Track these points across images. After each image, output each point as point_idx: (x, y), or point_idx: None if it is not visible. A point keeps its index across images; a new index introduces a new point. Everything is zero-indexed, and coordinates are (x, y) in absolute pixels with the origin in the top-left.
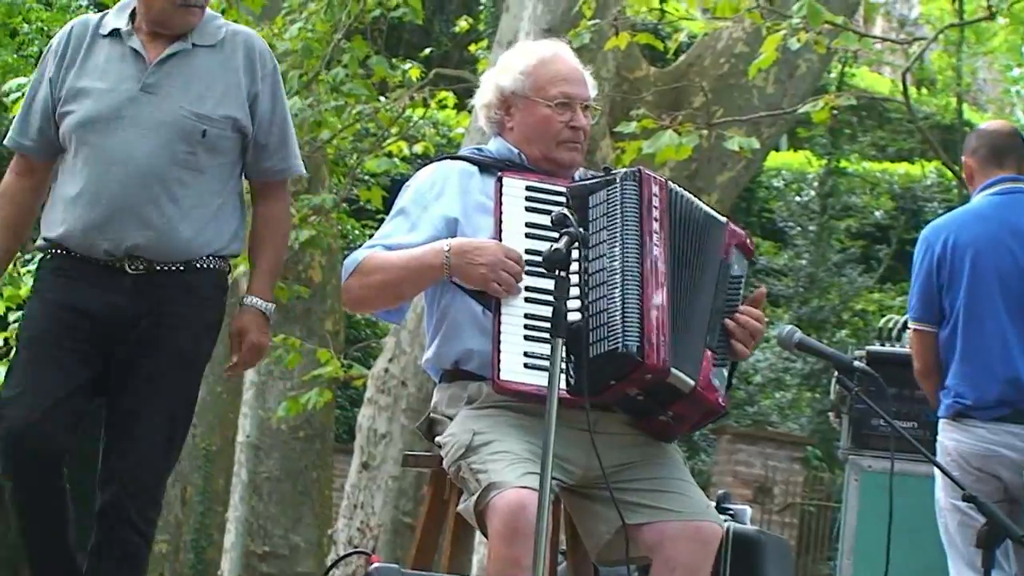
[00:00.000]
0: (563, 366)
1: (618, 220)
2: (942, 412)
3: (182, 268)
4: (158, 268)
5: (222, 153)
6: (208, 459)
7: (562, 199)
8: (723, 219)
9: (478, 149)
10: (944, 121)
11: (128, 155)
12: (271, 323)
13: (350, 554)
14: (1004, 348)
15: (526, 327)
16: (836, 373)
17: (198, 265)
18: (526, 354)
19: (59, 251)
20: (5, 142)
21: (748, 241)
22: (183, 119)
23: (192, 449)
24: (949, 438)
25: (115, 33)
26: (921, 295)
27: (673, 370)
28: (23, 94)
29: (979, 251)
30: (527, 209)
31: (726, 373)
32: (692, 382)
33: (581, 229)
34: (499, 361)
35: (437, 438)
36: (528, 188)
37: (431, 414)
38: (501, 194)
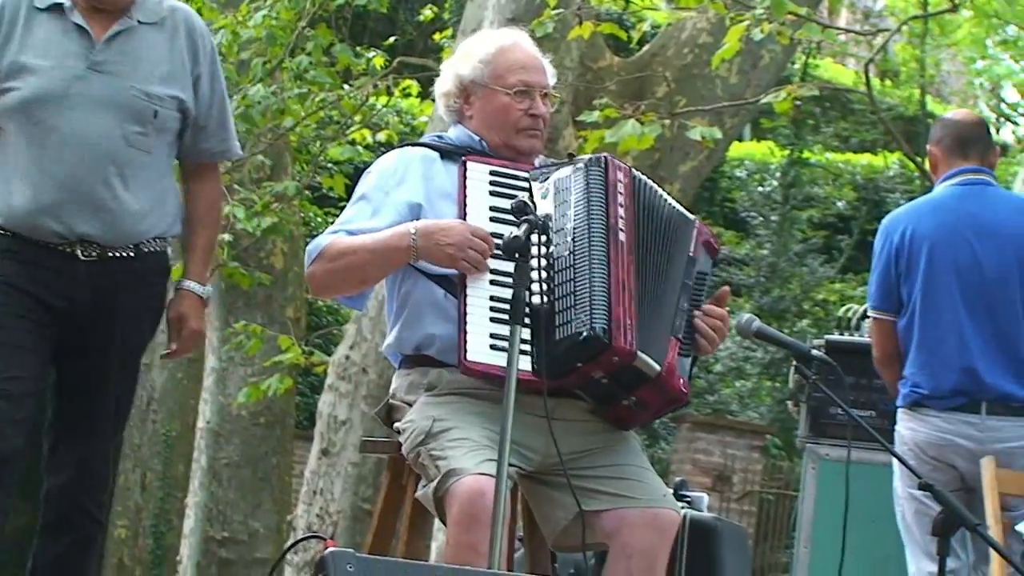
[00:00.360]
0: (528, 348)
1: (584, 204)
2: (900, 401)
3: (132, 254)
4: (110, 254)
5: (167, 133)
6: (168, 445)
7: (525, 184)
8: (692, 217)
9: (439, 136)
10: (907, 113)
11: (80, 135)
12: (222, 308)
13: (306, 538)
14: (960, 339)
15: (492, 309)
16: (794, 362)
17: (145, 249)
18: (492, 336)
19: (5, 233)
20: None
21: (714, 240)
22: (135, 99)
23: (152, 435)
24: (906, 427)
25: (55, 8)
26: (880, 284)
27: (640, 354)
28: None
29: (936, 243)
30: (491, 193)
31: (689, 363)
32: (658, 367)
33: (542, 217)
34: (466, 343)
35: (396, 424)
36: (492, 173)
37: (390, 400)
38: (465, 178)
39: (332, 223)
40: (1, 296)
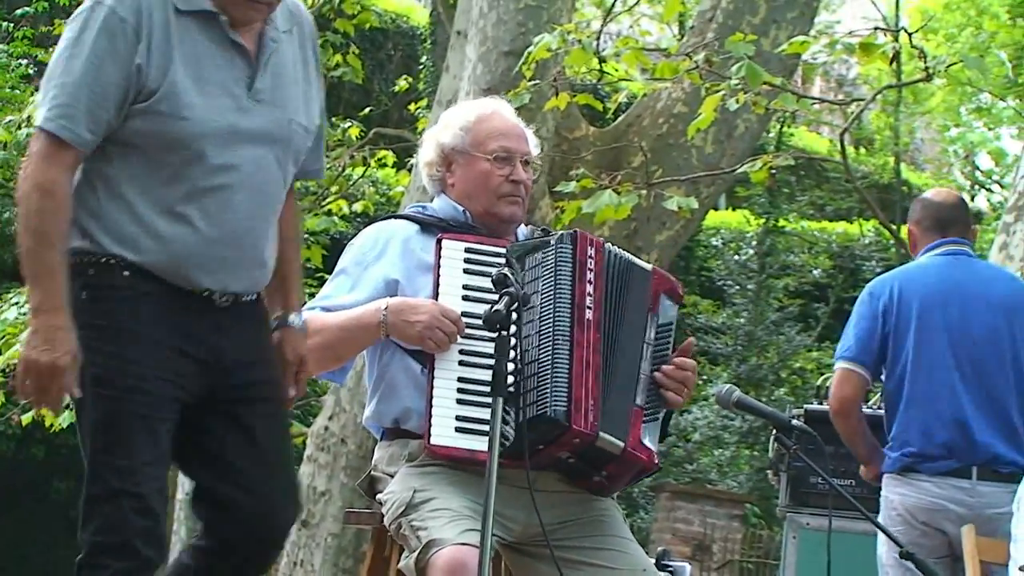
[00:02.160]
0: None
1: (551, 282)
2: (887, 467)
3: (254, 297)
4: (243, 299)
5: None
6: None
7: (501, 260)
8: (648, 267)
9: (422, 207)
10: (882, 180)
11: (249, 180)
12: None
13: None
14: (952, 395)
15: (459, 391)
16: (775, 431)
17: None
18: (458, 418)
19: (138, 271)
20: (55, 131)
21: (676, 287)
22: (294, 133)
23: None
24: (895, 492)
25: (204, 16)
26: (860, 338)
27: (602, 434)
28: None
29: (927, 303)
30: (466, 271)
31: (658, 427)
32: (621, 444)
33: (522, 291)
34: (431, 425)
35: (378, 495)
36: (467, 250)
37: (372, 472)
38: (440, 256)
39: (310, 295)
40: (149, 366)
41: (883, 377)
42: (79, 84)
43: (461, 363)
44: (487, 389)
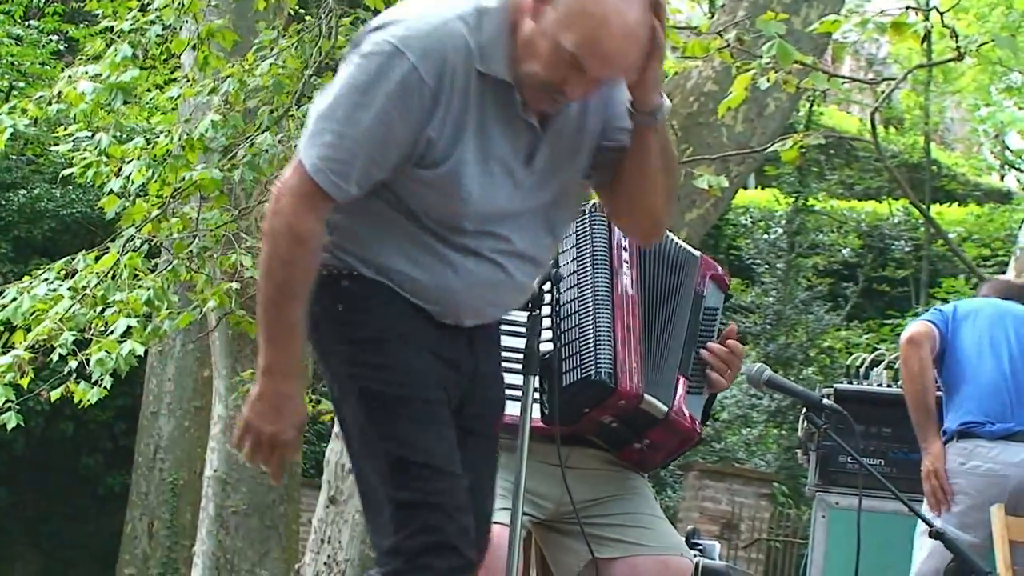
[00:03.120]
0: (537, 396)
1: (588, 249)
2: (947, 438)
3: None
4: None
5: None
6: (175, 493)
7: None
8: (696, 253)
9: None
10: (912, 160)
11: (523, 252)
12: (229, 356)
13: None
14: (1003, 373)
15: (503, 359)
16: (805, 410)
17: None
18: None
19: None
20: (324, 185)
21: (722, 274)
22: (567, 188)
23: (159, 483)
24: (955, 462)
25: (501, 83)
26: (933, 317)
27: (646, 396)
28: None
29: (987, 314)
30: None
31: (703, 402)
32: (665, 407)
33: (555, 269)
34: None
35: None
36: None
37: None
38: None
39: None
40: (427, 371)
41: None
42: (360, 141)
43: (502, 333)
44: None
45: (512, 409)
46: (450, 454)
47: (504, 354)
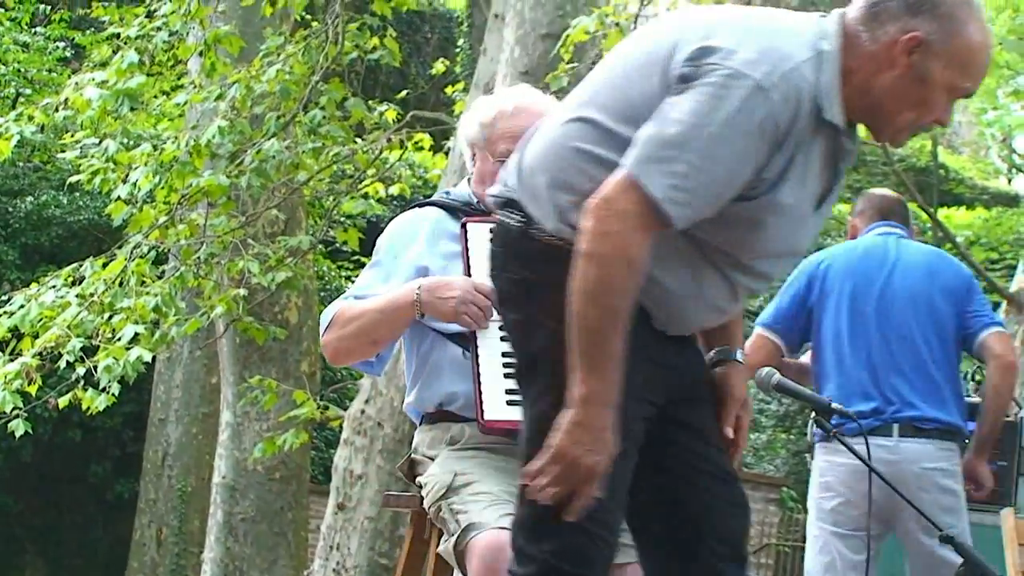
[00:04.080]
0: None
1: None
2: (814, 437)
3: None
4: None
5: None
6: (183, 500)
7: None
8: None
9: (446, 193)
10: (919, 163)
11: (759, 287)
12: (236, 363)
13: None
14: (871, 358)
15: (505, 365)
16: (813, 414)
17: None
18: (508, 391)
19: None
20: (671, 214)
21: None
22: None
23: (167, 490)
24: (822, 459)
25: (831, 128)
26: (781, 307)
27: None
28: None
29: (850, 276)
30: None
31: None
32: None
33: None
34: (482, 402)
35: (418, 478)
36: (492, 231)
37: (412, 455)
38: (467, 239)
39: (347, 278)
40: (635, 376)
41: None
42: (713, 176)
43: (503, 339)
44: None
45: (516, 413)
46: (624, 480)
47: (504, 360)
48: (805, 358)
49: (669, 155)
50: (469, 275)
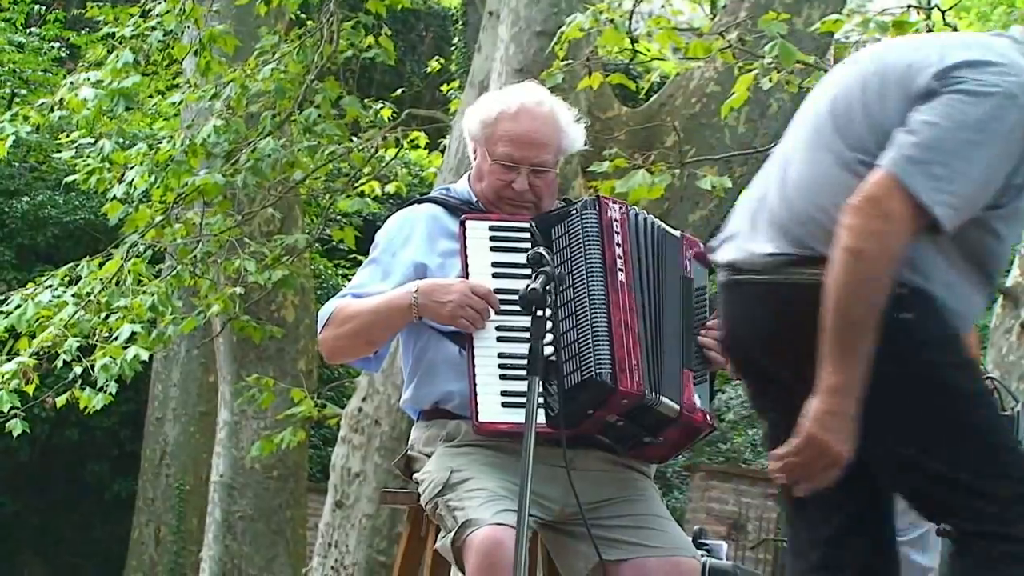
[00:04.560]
0: (542, 400)
1: (581, 249)
2: None
3: None
4: None
5: None
6: (181, 499)
7: (525, 235)
8: (677, 232)
9: (446, 189)
10: None
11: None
12: (233, 362)
13: None
14: None
15: (501, 366)
16: None
17: None
18: (503, 393)
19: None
20: (941, 218)
21: (703, 250)
22: None
23: (165, 489)
24: None
25: None
26: None
27: (662, 399)
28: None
29: None
30: (492, 249)
31: (707, 388)
32: (678, 407)
33: (557, 269)
34: (477, 404)
35: (415, 475)
36: (491, 228)
37: (409, 452)
38: (465, 237)
39: (343, 276)
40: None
41: None
42: (972, 182)
43: (500, 339)
44: None
45: (510, 416)
46: None
47: (500, 361)
48: None
49: (928, 158)
50: (467, 274)
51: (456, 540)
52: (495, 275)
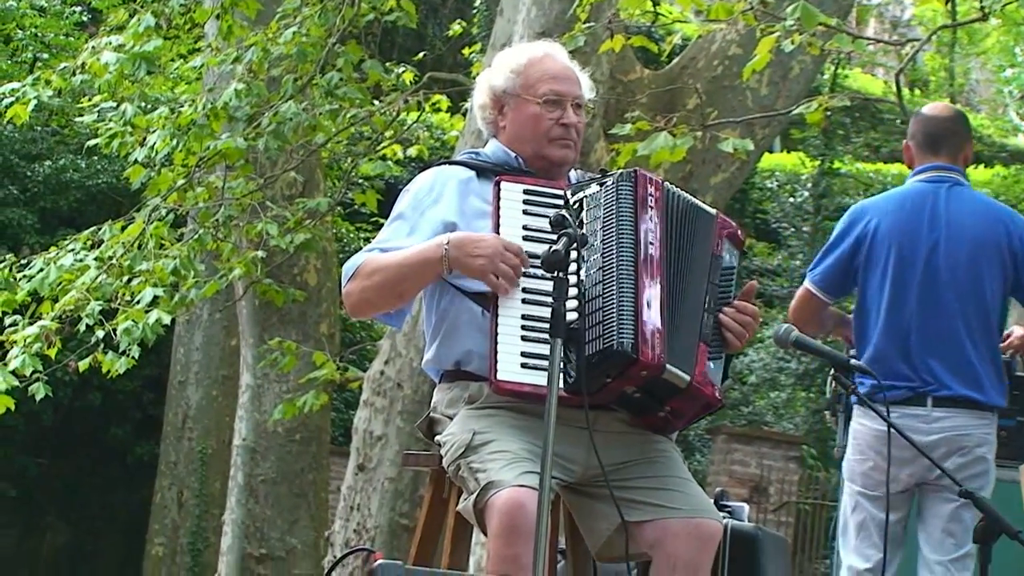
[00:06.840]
0: (562, 365)
1: (614, 220)
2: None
3: None
4: None
5: None
6: (204, 462)
7: (559, 201)
8: (712, 211)
9: (475, 153)
10: None
11: None
12: (256, 325)
13: (350, 553)
14: (908, 329)
15: (523, 328)
16: (832, 372)
17: None
18: (523, 354)
19: None
20: None
21: (738, 232)
22: None
23: (188, 453)
24: (857, 422)
25: None
26: (832, 266)
27: (669, 367)
28: (16, 99)
29: (898, 239)
30: (525, 212)
31: (721, 365)
32: (688, 377)
33: (580, 231)
34: (496, 362)
35: (437, 437)
36: (526, 191)
37: (431, 414)
38: (499, 198)
39: (365, 239)
40: None
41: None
42: None
43: (524, 301)
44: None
45: (529, 377)
46: None
47: (523, 323)
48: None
49: None
50: (498, 233)
51: (478, 502)
52: (525, 238)
